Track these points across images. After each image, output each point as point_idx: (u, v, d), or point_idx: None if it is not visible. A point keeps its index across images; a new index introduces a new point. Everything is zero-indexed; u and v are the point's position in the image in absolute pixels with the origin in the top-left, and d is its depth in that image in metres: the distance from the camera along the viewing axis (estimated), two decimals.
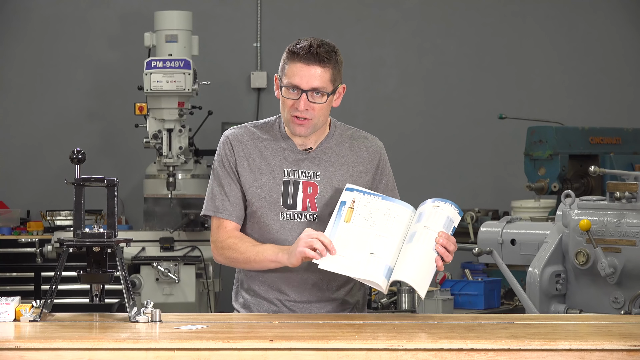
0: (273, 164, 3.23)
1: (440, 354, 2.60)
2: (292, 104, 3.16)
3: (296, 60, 3.14)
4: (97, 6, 8.47)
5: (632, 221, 4.35)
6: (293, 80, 3.14)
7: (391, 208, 3.12)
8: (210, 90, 7.42)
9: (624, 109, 8.58)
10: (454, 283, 5.23)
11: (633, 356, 2.59)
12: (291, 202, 3.21)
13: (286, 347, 2.60)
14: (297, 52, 3.14)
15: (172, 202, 6.83)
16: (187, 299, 6.59)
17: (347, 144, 3.29)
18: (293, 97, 3.16)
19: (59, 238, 6.36)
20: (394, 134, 8.43)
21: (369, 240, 3.05)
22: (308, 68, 3.13)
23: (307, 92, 3.14)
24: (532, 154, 6.26)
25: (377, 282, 3.00)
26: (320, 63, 3.14)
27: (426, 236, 3.04)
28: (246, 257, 3.19)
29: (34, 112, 8.41)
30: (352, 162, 3.27)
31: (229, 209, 3.24)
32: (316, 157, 3.25)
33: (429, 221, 3.06)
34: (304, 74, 3.13)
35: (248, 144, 3.25)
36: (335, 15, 8.60)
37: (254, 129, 3.29)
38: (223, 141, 3.28)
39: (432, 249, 3.02)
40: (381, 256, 3.02)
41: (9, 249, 7.32)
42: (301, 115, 3.16)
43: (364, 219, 3.09)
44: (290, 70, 3.15)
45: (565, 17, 8.70)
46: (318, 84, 3.14)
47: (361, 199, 3.12)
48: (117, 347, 2.60)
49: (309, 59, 3.13)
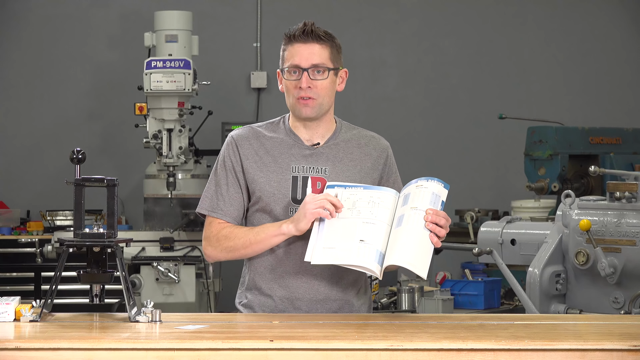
0: (280, 160, 3.24)
1: (440, 354, 2.60)
2: (294, 85, 3.20)
3: (293, 41, 3.21)
4: (97, 6, 8.47)
5: (632, 221, 4.35)
6: (293, 60, 3.19)
7: (374, 195, 3.12)
8: (210, 90, 7.42)
9: (624, 109, 8.59)
10: (454, 283, 5.23)
11: (633, 356, 2.59)
12: (301, 197, 3.20)
13: (286, 347, 2.60)
14: (293, 33, 3.21)
15: (172, 202, 6.83)
16: (187, 299, 6.59)
17: (354, 141, 3.31)
18: (294, 78, 3.19)
19: (59, 238, 6.35)
20: (394, 134, 8.39)
21: (356, 229, 3.05)
22: (306, 46, 3.19)
23: (307, 70, 3.18)
24: (532, 154, 6.26)
25: (370, 267, 3.00)
26: (318, 40, 3.20)
27: (415, 217, 3.03)
28: (245, 239, 3.19)
29: (34, 112, 8.41)
30: (360, 159, 3.28)
31: (224, 208, 3.24)
32: (324, 153, 3.25)
33: (415, 202, 3.06)
34: (302, 52, 3.19)
35: (254, 142, 3.26)
36: (335, 15, 8.60)
37: (258, 128, 3.31)
38: (228, 142, 3.30)
39: (422, 229, 3.02)
40: (371, 242, 3.02)
41: (9, 249, 7.32)
42: (305, 95, 3.19)
43: (349, 210, 3.09)
44: (289, 53, 3.21)
45: (565, 17, 8.70)
46: (317, 60, 3.19)
47: (343, 192, 3.13)
48: (117, 347, 2.60)
49: (305, 37, 3.19)
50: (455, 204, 7.85)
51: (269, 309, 3.23)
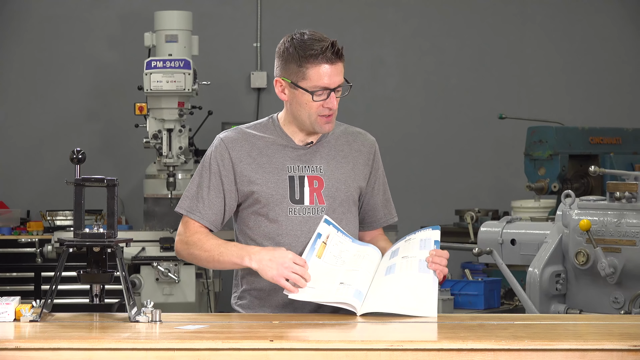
0: (275, 161, 3.22)
1: (440, 354, 2.59)
2: (319, 105, 3.15)
3: (321, 61, 3.11)
4: (97, 6, 8.47)
5: (632, 221, 4.35)
6: (321, 82, 3.12)
7: (360, 250, 3.18)
8: (210, 90, 7.42)
9: (624, 109, 8.58)
10: (454, 283, 5.23)
11: (633, 356, 2.59)
12: (299, 197, 3.20)
13: (286, 347, 2.60)
14: (319, 53, 3.10)
15: (172, 202, 6.83)
16: (187, 299, 6.59)
17: (343, 138, 3.31)
18: (322, 98, 3.15)
19: (59, 238, 6.31)
20: (394, 134, 8.43)
21: (338, 273, 3.09)
22: (335, 67, 3.13)
23: (334, 90, 3.15)
24: (532, 154, 6.26)
25: (348, 302, 3.01)
26: (341, 58, 3.15)
27: (407, 264, 3.08)
28: (209, 255, 3.17)
29: (34, 112, 8.41)
30: (351, 156, 3.28)
31: (202, 211, 3.22)
32: (317, 151, 3.25)
33: (405, 252, 3.13)
34: (332, 73, 3.13)
35: (244, 144, 3.23)
36: (335, 15, 8.60)
37: (247, 129, 3.27)
38: (216, 144, 3.25)
39: (418, 272, 3.06)
40: (350, 283, 3.05)
41: (9, 249, 7.31)
42: (329, 113, 3.17)
43: (334, 257, 3.12)
44: (315, 73, 3.11)
45: (565, 17, 8.70)
46: (341, 80, 3.18)
47: (334, 236, 3.15)
48: (117, 347, 2.60)
49: (333, 58, 3.12)
50: (455, 204, 7.85)
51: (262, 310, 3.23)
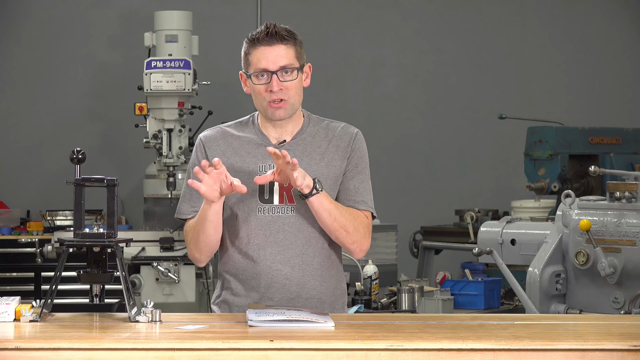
0: (248, 160, 3.23)
1: (440, 354, 2.60)
2: (264, 89, 3.19)
3: (258, 45, 3.18)
4: (97, 6, 8.47)
5: (632, 221, 4.35)
6: (260, 65, 3.18)
7: None
8: (210, 90, 7.42)
9: (624, 109, 8.59)
10: (454, 283, 5.23)
11: (633, 356, 2.59)
12: (268, 197, 3.21)
13: (286, 347, 2.60)
14: (257, 37, 3.19)
15: (172, 202, 6.82)
16: (187, 299, 6.59)
17: (322, 134, 3.29)
18: (264, 82, 3.18)
19: (59, 238, 6.35)
20: (394, 134, 8.43)
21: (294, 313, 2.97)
22: (272, 49, 3.17)
23: (276, 73, 3.17)
24: (532, 154, 6.27)
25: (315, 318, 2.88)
26: (282, 41, 3.18)
27: None
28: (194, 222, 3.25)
29: (34, 112, 8.41)
30: (328, 152, 3.26)
31: (197, 209, 3.25)
32: (291, 149, 3.23)
33: None
34: (269, 55, 3.17)
35: (221, 143, 3.27)
36: (335, 15, 8.60)
37: (227, 128, 3.31)
38: (196, 144, 3.31)
39: None
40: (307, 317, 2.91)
41: (9, 249, 7.31)
42: (276, 97, 3.18)
43: None
44: (254, 57, 3.19)
45: (565, 17, 8.70)
46: (285, 62, 3.18)
47: None
48: (117, 347, 2.60)
49: (270, 40, 3.18)
50: (455, 204, 7.86)
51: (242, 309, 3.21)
